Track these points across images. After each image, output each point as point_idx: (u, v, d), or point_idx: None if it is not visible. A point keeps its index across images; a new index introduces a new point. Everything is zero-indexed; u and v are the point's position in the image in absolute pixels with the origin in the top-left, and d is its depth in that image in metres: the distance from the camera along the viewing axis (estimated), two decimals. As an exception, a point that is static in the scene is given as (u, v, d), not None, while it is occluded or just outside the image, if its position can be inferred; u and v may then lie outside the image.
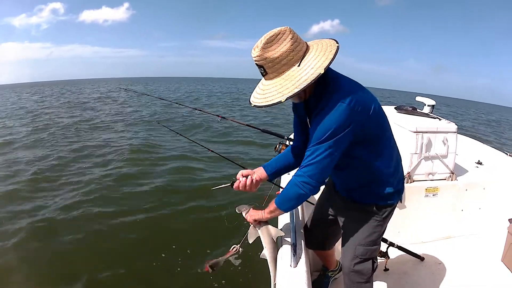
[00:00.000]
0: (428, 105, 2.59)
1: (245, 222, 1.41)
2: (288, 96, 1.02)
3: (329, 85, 1.09)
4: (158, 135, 8.26)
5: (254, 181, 1.36)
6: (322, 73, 1.01)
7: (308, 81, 1.00)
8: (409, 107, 2.49)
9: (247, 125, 2.36)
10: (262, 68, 1.08)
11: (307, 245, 1.48)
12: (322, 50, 1.05)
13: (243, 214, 1.39)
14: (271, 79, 1.08)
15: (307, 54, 1.06)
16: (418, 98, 2.74)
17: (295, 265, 1.22)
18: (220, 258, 1.39)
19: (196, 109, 3.17)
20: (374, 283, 1.47)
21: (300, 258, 1.26)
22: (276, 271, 1.26)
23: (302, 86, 1.01)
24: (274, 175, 1.44)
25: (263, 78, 1.12)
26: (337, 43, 1.08)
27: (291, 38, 1.03)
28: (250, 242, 1.38)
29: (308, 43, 1.12)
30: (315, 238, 1.62)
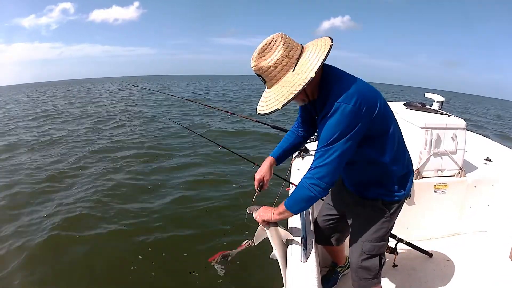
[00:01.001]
0: (437, 101, 2.56)
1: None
2: (283, 103, 1.06)
3: (333, 87, 1.09)
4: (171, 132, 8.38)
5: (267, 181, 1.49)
6: (321, 74, 1.05)
7: (301, 86, 1.02)
8: (418, 103, 2.47)
9: (256, 121, 2.37)
10: (260, 77, 1.12)
11: (317, 241, 1.49)
12: (315, 52, 1.06)
13: (253, 214, 1.39)
14: (271, 86, 1.11)
15: (301, 58, 1.07)
16: (427, 95, 2.72)
17: (305, 260, 1.23)
18: (232, 250, 1.43)
19: (206, 105, 3.21)
20: (382, 279, 1.48)
21: (310, 253, 1.27)
22: (287, 271, 1.26)
23: (295, 93, 1.03)
24: (280, 160, 1.54)
25: (265, 89, 1.16)
26: (331, 41, 1.09)
27: (283, 45, 1.05)
28: (256, 244, 1.39)
29: (304, 45, 1.13)
30: (324, 233, 1.63)
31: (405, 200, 1.39)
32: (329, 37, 1.12)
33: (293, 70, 1.05)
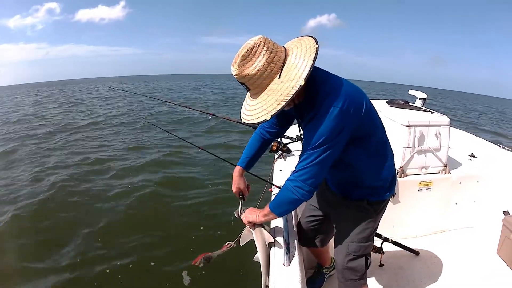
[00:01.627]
0: (420, 99, 2.57)
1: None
2: (272, 113, 1.00)
3: (319, 89, 1.05)
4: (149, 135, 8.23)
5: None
6: (307, 80, 0.97)
7: (290, 95, 0.97)
8: (401, 101, 2.46)
9: (237, 122, 2.33)
10: (244, 85, 1.05)
11: (301, 243, 1.47)
12: (301, 56, 1.00)
13: (241, 216, 1.39)
14: (255, 94, 1.05)
15: (287, 62, 1.01)
16: (411, 92, 2.73)
17: (288, 263, 1.20)
18: (214, 252, 1.39)
19: (186, 107, 3.16)
20: (369, 278, 1.47)
21: (294, 256, 1.25)
22: (268, 275, 1.25)
23: (284, 102, 0.98)
24: (249, 167, 1.53)
25: (248, 95, 1.11)
26: (317, 43, 1.03)
27: (266, 50, 0.98)
28: (241, 245, 1.38)
29: (286, 46, 1.08)
30: (308, 235, 1.60)
31: (390, 199, 1.37)
32: (312, 37, 1.07)
33: (279, 76, 1.00)
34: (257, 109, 1.04)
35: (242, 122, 1.13)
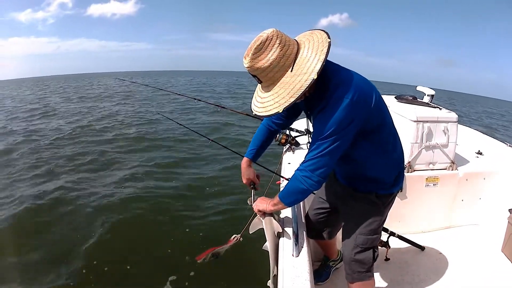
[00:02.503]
0: (428, 95, 2.56)
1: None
2: (284, 106, 1.00)
3: (330, 81, 1.05)
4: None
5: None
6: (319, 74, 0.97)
7: (302, 88, 0.97)
8: (410, 96, 2.46)
9: (246, 114, 2.34)
10: (256, 77, 1.06)
11: (308, 235, 1.47)
12: (313, 50, 1.01)
13: (253, 205, 1.40)
14: (267, 86, 1.06)
15: (299, 55, 1.01)
16: (419, 88, 2.72)
17: (297, 254, 1.21)
18: (221, 247, 1.41)
19: (195, 98, 3.18)
20: (375, 272, 1.47)
21: (302, 247, 1.26)
22: (277, 264, 1.26)
23: (297, 95, 0.98)
24: (256, 158, 1.54)
25: (259, 86, 1.11)
26: (329, 37, 1.03)
27: (279, 44, 0.98)
28: (250, 232, 1.38)
29: (298, 39, 1.07)
30: (316, 227, 1.61)
31: (397, 193, 1.38)
32: (324, 31, 1.07)
33: (291, 69, 1.00)
34: (269, 101, 1.05)
35: (253, 114, 1.13)
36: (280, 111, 1.01)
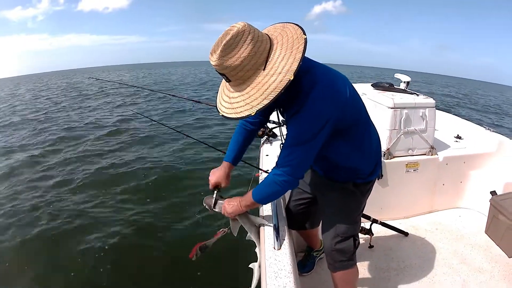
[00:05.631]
0: (404, 82, 2.58)
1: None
2: (257, 108, 0.92)
3: (303, 81, 0.99)
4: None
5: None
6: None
7: (277, 90, 0.89)
8: (386, 84, 2.47)
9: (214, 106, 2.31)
10: (224, 76, 0.96)
11: (290, 226, 1.46)
12: (288, 48, 0.92)
13: (216, 209, 1.34)
14: (236, 85, 0.97)
15: (272, 53, 0.93)
16: (396, 75, 2.74)
17: (279, 247, 1.19)
18: (209, 240, 1.38)
19: (172, 95, 3.14)
20: (359, 260, 1.46)
21: (284, 240, 1.24)
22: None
23: (271, 97, 0.90)
24: (236, 161, 1.44)
25: (227, 84, 1.02)
26: (304, 34, 0.95)
27: (251, 39, 0.89)
28: (235, 235, 1.36)
29: (270, 34, 0.99)
30: (297, 218, 1.59)
31: (377, 180, 1.37)
32: (298, 25, 0.99)
33: (264, 68, 0.92)
34: (238, 103, 0.97)
35: (220, 115, 1.03)
36: (252, 114, 0.93)
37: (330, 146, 1.14)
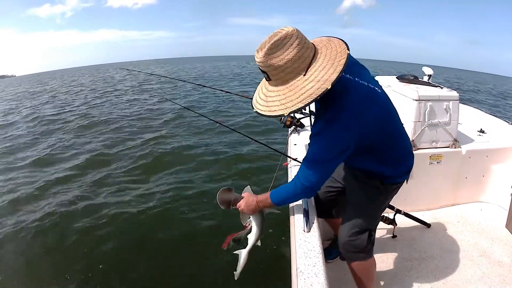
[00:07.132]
0: (427, 74, 2.57)
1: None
2: (291, 110, 0.96)
3: (337, 98, 1.02)
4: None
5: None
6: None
7: (313, 96, 0.92)
8: (411, 76, 2.48)
9: (250, 98, 2.35)
10: (266, 74, 1.00)
11: (318, 214, 1.50)
12: (331, 59, 0.96)
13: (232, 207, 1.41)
14: (275, 85, 1.01)
15: (315, 62, 0.96)
16: (424, 69, 2.73)
17: (308, 230, 1.25)
18: (241, 232, 1.44)
19: (199, 85, 3.19)
20: (382, 249, 1.49)
21: (313, 223, 1.29)
22: (259, 237, 1.37)
23: (306, 102, 0.93)
24: None
25: (266, 82, 1.06)
26: (348, 49, 0.99)
27: (298, 44, 0.93)
28: (244, 224, 1.43)
29: (316, 44, 1.02)
30: (325, 206, 1.62)
31: (402, 183, 1.39)
32: (343, 40, 1.03)
33: (305, 74, 0.95)
34: (274, 102, 1.00)
35: (254, 111, 1.07)
36: (285, 114, 0.98)
37: (354, 159, 1.20)
